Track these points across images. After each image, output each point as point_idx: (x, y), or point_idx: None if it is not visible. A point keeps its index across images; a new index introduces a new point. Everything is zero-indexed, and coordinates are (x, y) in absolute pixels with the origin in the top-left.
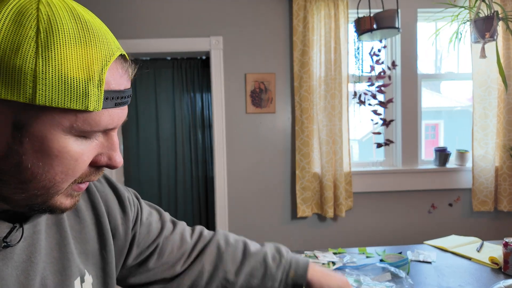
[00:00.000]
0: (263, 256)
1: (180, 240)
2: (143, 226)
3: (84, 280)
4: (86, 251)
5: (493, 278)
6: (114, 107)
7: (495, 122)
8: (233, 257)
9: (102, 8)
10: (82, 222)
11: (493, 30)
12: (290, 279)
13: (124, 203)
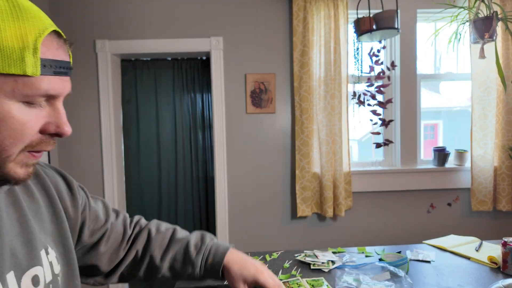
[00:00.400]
0: (186, 242)
1: (122, 226)
2: (92, 211)
3: (48, 252)
4: (44, 229)
5: (492, 278)
6: (52, 75)
7: (494, 122)
8: (161, 243)
9: (102, 9)
10: (36, 203)
11: (492, 31)
12: (208, 264)
13: (72, 188)
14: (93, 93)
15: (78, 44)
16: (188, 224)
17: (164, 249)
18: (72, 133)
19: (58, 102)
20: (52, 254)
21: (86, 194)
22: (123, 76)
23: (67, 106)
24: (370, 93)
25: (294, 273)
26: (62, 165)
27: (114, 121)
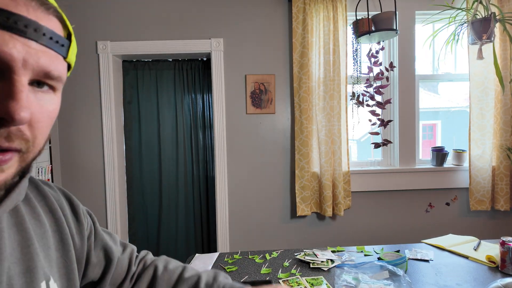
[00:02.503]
0: (196, 280)
1: (128, 261)
2: (98, 240)
3: (49, 285)
4: (49, 257)
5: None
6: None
7: (492, 122)
8: (168, 281)
9: (104, 11)
10: (43, 227)
11: (490, 32)
12: None
13: (78, 212)
14: (95, 93)
15: (80, 45)
16: (188, 223)
17: (172, 287)
18: (74, 133)
19: (14, 75)
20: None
21: (93, 220)
22: (125, 77)
23: (68, 106)
24: (369, 93)
25: (294, 272)
26: (64, 165)
27: (116, 121)
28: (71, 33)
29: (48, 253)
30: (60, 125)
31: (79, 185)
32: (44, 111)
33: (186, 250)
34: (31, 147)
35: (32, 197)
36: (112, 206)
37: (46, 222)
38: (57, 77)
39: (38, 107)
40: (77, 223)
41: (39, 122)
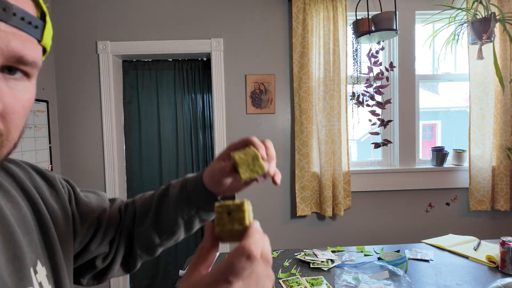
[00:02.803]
0: (166, 185)
1: (118, 214)
2: (81, 202)
3: (37, 270)
4: (33, 242)
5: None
6: None
7: (492, 122)
8: (143, 204)
9: (104, 11)
10: (21, 210)
11: (490, 32)
12: (190, 189)
13: (54, 184)
14: (95, 94)
15: (80, 45)
16: None
17: (148, 201)
18: (74, 133)
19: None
20: (41, 273)
21: (72, 186)
22: (125, 77)
23: (68, 106)
24: (369, 93)
25: (294, 272)
26: (64, 165)
27: (116, 121)
28: (45, 13)
29: (32, 236)
30: (60, 125)
31: (79, 185)
32: (18, 100)
33: (186, 250)
34: (4, 142)
35: (2, 181)
36: None
37: (23, 204)
38: (32, 62)
39: (11, 96)
40: (56, 195)
41: (12, 113)
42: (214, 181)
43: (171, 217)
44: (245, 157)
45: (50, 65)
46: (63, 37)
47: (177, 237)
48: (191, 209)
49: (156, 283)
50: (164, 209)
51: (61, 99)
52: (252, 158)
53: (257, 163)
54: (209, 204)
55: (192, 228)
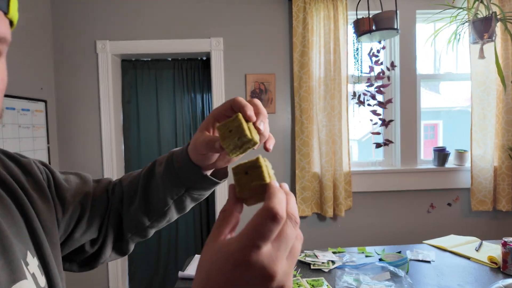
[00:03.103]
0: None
1: (106, 194)
2: (62, 187)
3: (28, 262)
4: (20, 233)
5: (492, 278)
6: None
7: (493, 122)
8: (130, 183)
9: (103, 10)
10: (3, 201)
11: (492, 31)
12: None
13: (28, 169)
14: (94, 93)
15: (79, 44)
16: (188, 224)
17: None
18: (72, 133)
19: None
20: (33, 264)
21: (50, 170)
22: (124, 76)
23: (67, 106)
24: (370, 93)
25: (294, 273)
26: (62, 165)
27: (115, 121)
28: None
29: (18, 227)
30: (58, 125)
31: None
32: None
33: (186, 251)
34: None
35: None
36: None
37: (4, 195)
38: (1, 38)
39: None
40: (33, 182)
41: None
42: (199, 155)
43: (160, 197)
44: (230, 133)
45: (49, 65)
46: (62, 36)
47: (169, 217)
48: (180, 188)
49: (156, 283)
50: (152, 189)
51: (59, 99)
52: (238, 133)
53: (244, 138)
54: (200, 181)
55: (184, 207)
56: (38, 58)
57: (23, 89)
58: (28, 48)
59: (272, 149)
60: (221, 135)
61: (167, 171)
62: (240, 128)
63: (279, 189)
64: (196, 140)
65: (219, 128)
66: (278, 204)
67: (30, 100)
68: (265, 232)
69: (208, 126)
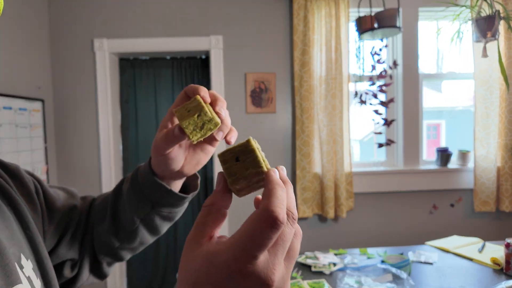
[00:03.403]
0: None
1: (88, 210)
2: (49, 198)
3: (22, 265)
4: (14, 235)
5: (494, 279)
6: None
7: (497, 121)
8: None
9: (100, 8)
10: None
11: (495, 30)
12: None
13: (16, 174)
14: (91, 92)
15: (76, 43)
16: (187, 226)
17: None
18: (70, 133)
19: None
20: (28, 267)
21: (37, 179)
22: (121, 75)
23: (64, 106)
24: (372, 92)
25: (295, 275)
26: (60, 165)
27: (112, 121)
28: None
29: (11, 229)
30: (56, 125)
31: (75, 185)
32: None
33: None
34: None
35: None
36: None
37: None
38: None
39: None
40: (21, 188)
41: None
42: (162, 159)
43: (127, 217)
44: (188, 112)
45: (46, 64)
46: (59, 35)
47: (141, 239)
48: (145, 205)
49: (155, 286)
50: (119, 208)
51: (57, 98)
52: (198, 111)
53: (205, 116)
54: (165, 196)
55: (155, 228)
56: (35, 57)
57: (20, 88)
58: (25, 47)
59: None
60: (179, 117)
61: (132, 187)
62: (199, 106)
63: (279, 183)
64: (156, 140)
65: (177, 110)
66: (279, 206)
67: (27, 100)
68: (264, 240)
69: (166, 123)
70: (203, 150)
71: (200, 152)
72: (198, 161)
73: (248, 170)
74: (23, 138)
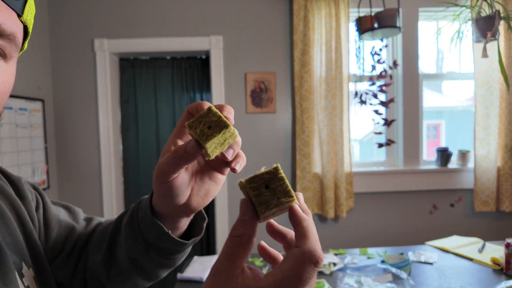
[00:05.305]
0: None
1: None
2: (50, 215)
3: (23, 274)
4: (16, 243)
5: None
6: None
7: (497, 122)
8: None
9: (101, 8)
10: (2, 211)
11: (495, 30)
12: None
13: (18, 186)
14: (91, 92)
15: (76, 43)
16: None
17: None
18: (70, 133)
19: None
20: (28, 275)
21: (40, 194)
22: (122, 75)
23: (64, 106)
24: (372, 92)
25: None
26: (60, 166)
27: (113, 121)
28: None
29: (14, 236)
30: (56, 125)
31: (75, 185)
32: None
33: None
34: None
35: None
36: (109, 207)
37: (2, 203)
38: (9, 34)
39: None
40: (22, 200)
41: None
42: (166, 188)
43: (122, 253)
44: (211, 129)
45: (46, 64)
46: (59, 35)
47: (133, 281)
48: (138, 244)
49: (155, 285)
50: (117, 241)
51: (57, 98)
52: (222, 127)
53: (228, 132)
54: (163, 240)
55: (148, 272)
56: (36, 57)
57: (20, 88)
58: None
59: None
60: (198, 133)
61: (130, 221)
62: (221, 121)
63: (310, 219)
64: (160, 164)
65: (192, 124)
66: (317, 244)
67: (27, 100)
68: (308, 280)
69: (170, 148)
70: (212, 179)
71: (208, 180)
72: (207, 192)
73: (280, 199)
74: (23, 138)
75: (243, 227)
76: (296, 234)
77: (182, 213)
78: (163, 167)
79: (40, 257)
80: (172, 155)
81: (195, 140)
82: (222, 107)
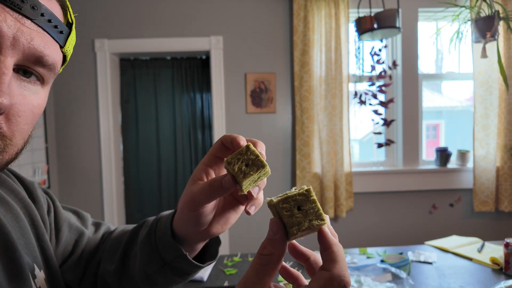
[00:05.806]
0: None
1: (99, 240)
2: (60, 219)
3: (36, 275)
4: (29, 245)
5: (494, 279)
6: None
7: (496, 122)
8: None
9: (101, 8)
10: (13, 211)
11: (494, 30)
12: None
13: (31, 190)
14: (92, 92)
15: (77, 43)
16: None
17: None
18: (71, 133)
19: (0, 55)
20: (40, 277)
21: (52, 198)
22: (122, 75)
23: (65, 106)
24: (372, 92)
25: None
26: (60, 165)
27: (113, 121)
28: (72, 22)
29: (27, 238)
30: (56, 125)
31: (76, 185)
32: (27, 103)
33: None
34: (8, 146)
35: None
36: (109, 206)
37: (16, 206)
38: (51, 65)
39: (21, 97)
40: (35, 203)
41: (19, 116)
42: (194, 216)
43: (136, 266)
44: (248, 167)
45: None
46: None
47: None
48: (154, 261)
49: None
50: (132, 253)
51: (57, 98)
52: (257, 163)
53: (264, 171)
54: (180, 261)
55: (156, 285)
56: None
57: None
58: None
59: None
60: (236, 171)
61: (148, 237)
62: (258, 160)
63: (338, 243)
64: (192, 193)
65: (231, 161)
66: (346, 269)
67: None
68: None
69: (201, 176)
70: (233, 208)
71: (229, 209)
72: (226, 220)
73: (312, 221)
74: None
75: (273, 246)
76: (325, 257)
77: (200, 238)
78: (197, 196)
79: (51, 260)
80: (207, 187)
81: (231, 175)
82: (256, 144)
